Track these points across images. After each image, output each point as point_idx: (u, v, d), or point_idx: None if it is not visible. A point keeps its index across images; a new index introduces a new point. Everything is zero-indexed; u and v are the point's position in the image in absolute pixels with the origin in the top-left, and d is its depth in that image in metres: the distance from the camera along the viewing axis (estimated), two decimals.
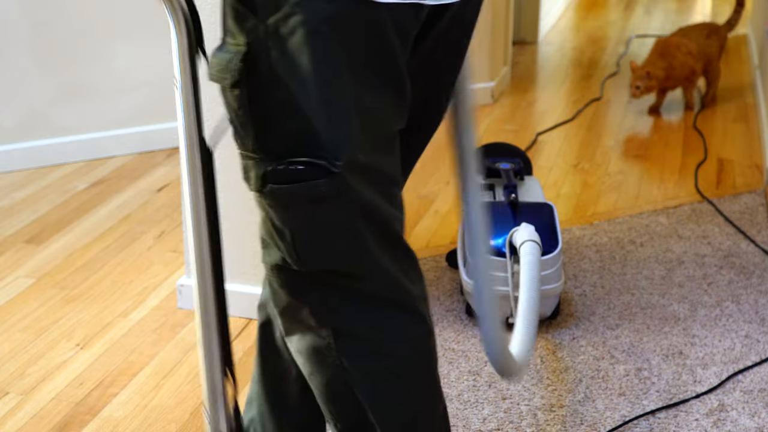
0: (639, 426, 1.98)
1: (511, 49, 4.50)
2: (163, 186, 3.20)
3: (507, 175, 2.49)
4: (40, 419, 1.99)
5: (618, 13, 6.16)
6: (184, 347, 2.25)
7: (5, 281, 2.56)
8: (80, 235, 2.84)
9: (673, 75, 3.91)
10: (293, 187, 1.17)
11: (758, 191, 3.17)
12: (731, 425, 1.98)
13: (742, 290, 2.52)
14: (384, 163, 1.23)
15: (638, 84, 3.86)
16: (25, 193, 3.14)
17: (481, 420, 1.99)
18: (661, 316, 2.40)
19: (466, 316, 2.39)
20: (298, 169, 1.15)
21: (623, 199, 3.13)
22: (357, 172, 1.17)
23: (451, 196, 3.16)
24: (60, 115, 3.37)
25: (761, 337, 2.30)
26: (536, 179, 2.62)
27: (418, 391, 1.35)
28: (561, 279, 2.30)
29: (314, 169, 1.15)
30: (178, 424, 1.98)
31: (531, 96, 4.33)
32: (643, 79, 3.85)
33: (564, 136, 3.76)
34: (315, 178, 1.15)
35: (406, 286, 1.29)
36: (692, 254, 2.73)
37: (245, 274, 2.36)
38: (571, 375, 2.15)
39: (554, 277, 2.27)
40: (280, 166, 1.16)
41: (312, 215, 1.19)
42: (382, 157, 1.22)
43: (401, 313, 1.29)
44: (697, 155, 3.54)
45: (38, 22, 3.25)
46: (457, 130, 1.44)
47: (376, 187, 1.21)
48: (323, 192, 1.16)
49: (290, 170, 1.16)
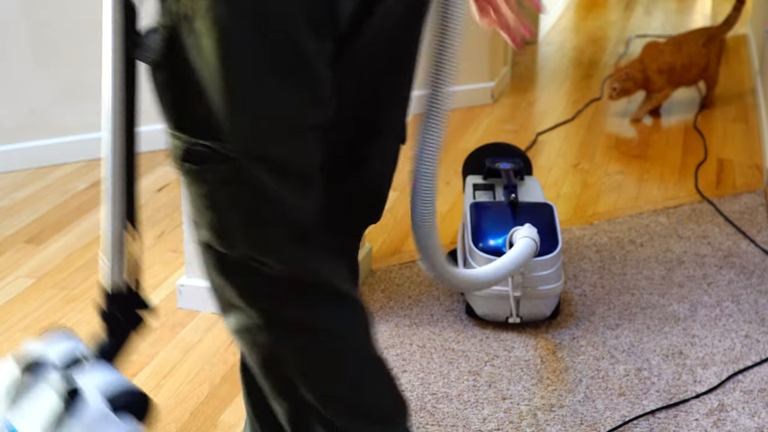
0: (639, 426, 1.98)
1: (511, 49, 4.50)
2: (163, 186, 3.20)
3: (507, 175, 2.49)
4: None
5: (618, 13, 6.16)
6: (184, 347, 2.26)
7: (5, 281, 2.56)
8: (80, 235, 2.84)
9: (649, 78, 3.88)
10: (202, 168, 1.20)
11: (758, 191, 3.17)
12: (731, 425, 1.98)
13: (742, 290, 2.52)
14: (290, 156, 1.21)
15: (615, 85, 3.85)
16: (25, 193, 3.14)
17: (481, 420, 1.99)
18: (661, 316, 2.40)
19: (466, 316, 2.39)
20: (204, 150, 1.18)
21: (623, 199, 3.13)
22: (257, 161, 1.18)
23: (451, 196, 3.16)
24: (60, 115, 3.37)
25: (761, 337, 2.30)
26: (536, 179, 2.61)
27: (350, 367, 1.37)
28: (561, 279, 2.30)
29: (215, 153, 1.18)
30: (178, 424, 1.98)
31: (531, 96, 4.33)
32: (621, 80, 3.83)
33: (564, 136, 3.76)
34: (217, 162, 1.18)
35: (326, 271, 1.30)
36: (692, 254, 2.73)
37: None
38: (571, 375, 2.15)
39: (554, 277, 2.27)
40: (193, 146, 1.20)
41: (222, 197, 1.22)
42: (287, 150, 1.20)
43: (326, 296, 1.31)
44: (697, 155, 3.54)
45: (38, 22, 3.25)
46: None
47: (281, 178, 1.21)
48: (225, 176, 1.19)
49: (200, 151, 1.19)
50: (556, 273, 2.27)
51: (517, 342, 2.28)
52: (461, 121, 3.93)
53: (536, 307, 2.29)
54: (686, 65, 3.88)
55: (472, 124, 3.89)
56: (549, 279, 2.26)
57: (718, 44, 4.00)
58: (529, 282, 2.24)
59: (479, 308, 2.32)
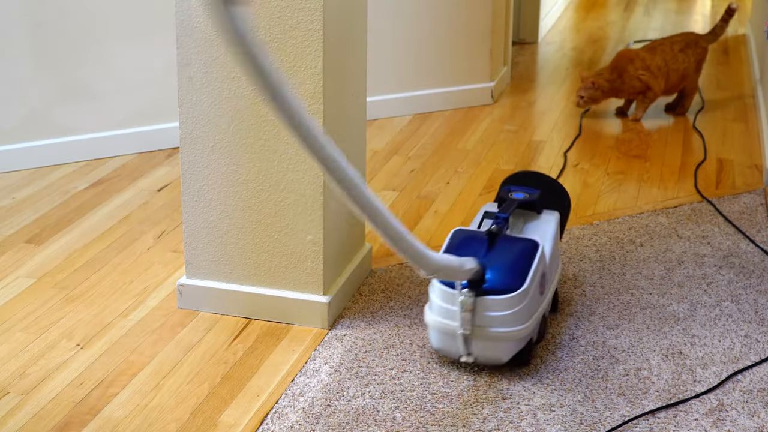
0: (639, 426, 1.98)
1: (511, 49, 4.50)
2: (163, 186, 3.20)
3: (508, 205, 2.31)
4: (40, 419, 1.99)
5: (618, 14, 6.16)
6: (184, 347, 2.26)
7: (5, 281, 2.56)
8: (80, 235, 2.84)
9: (621, 88, 3.85)
10: None
11: (758, 191, 3.18)
12: (731, 425, 1.98)
13: (741, 290, 2.53)
14: None
15: (582, 94, 3.85)
16: (25, 193, 3.15)
17: (481, 420, 1.99)
18: (660, 316, 2.40)
19: None
20: None
21: (623, 199, 3.14)
22: None
23: (452, 196, 3.16)
24: (60, 115, 3.37)
25: (761, 337, 2.30)
26: (557, 215, 2.38)
27: None
28: (524, 323, 2.09)
29: None
30: (178, 424, 1.98)
31: (531, 96, 4.33)
32: (587, 89, 3.84)
33: (564, 136, 3.76)
34: None
35: None
36: (692, 254, 2.73)
37: (245, 275, 2.36)
38: (571, 375, 2.15)
39: (511, 320, 2.07)
40: None
41: None
42: None
43: None
44: (696, 155, 3.54)
45: (38, 22, 3.25)
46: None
47: None
48: None
49: None
50: (515, 317, 2.07)
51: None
52: (461, 121, 3.93)
53: (489, 349, 2.10)
54: (663, 67, 3.83)
55: (471, 124, 3.90)
56: (504, 321, 2.06)
57: (700, 52, 3.93)
58: (480, 320, 2.07)
59: (434, 341, 2.16)
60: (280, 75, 1.38)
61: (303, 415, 1.99)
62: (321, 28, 2.14)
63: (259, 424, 1.97)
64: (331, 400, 2.05)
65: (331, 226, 2.33)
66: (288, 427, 1.96)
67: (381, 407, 2.02)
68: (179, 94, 2.26)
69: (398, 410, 2.01)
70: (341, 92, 2.30)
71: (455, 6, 3.97)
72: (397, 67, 3.94)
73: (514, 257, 2.13)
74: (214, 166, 2.29)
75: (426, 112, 4.03)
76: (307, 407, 2.02)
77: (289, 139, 2.22)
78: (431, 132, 3.79)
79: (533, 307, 2.13)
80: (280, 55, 2.17)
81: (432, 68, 4.02)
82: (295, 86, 2.18)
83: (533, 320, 2.12)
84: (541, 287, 2.18)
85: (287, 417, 1.99)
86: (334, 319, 2.37)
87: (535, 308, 2.14)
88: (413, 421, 1.98)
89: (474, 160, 3.48)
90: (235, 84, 2.21)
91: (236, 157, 2.27)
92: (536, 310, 2.14)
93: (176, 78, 2.26)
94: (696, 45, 3.94)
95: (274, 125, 2.22)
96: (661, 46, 3.89)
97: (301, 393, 2.07)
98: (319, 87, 2.18)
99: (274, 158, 2.25)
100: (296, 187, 2.26)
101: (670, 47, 3.88)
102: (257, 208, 2.30)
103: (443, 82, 4.06)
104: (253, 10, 2.15)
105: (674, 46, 3.89)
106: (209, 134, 2.27)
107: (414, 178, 3.31)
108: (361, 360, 2.20)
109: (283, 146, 2.23)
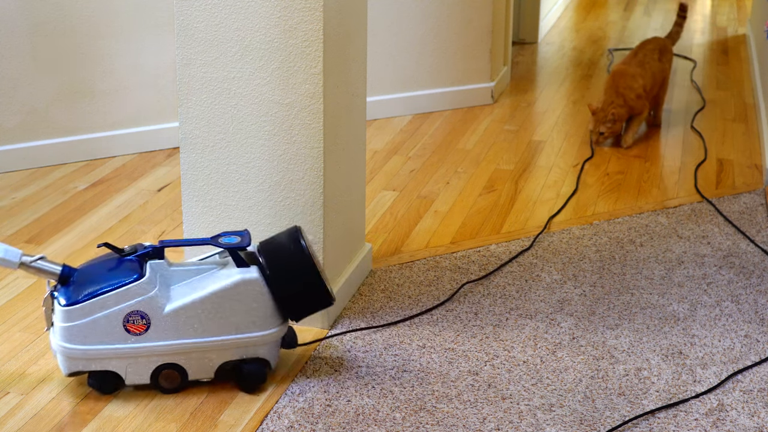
0: (639, 426, 1.98)
1: (511, 49, 4.50)
2: (163, 186, 3.20)
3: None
4: (40, 419, 1.99)
5: (618, 14, 6.16)
6: None
7: (5, 281, 2.56)
8: (80, 235, 2.84)
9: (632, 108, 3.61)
10: None
11: (758, 191, 3.18)
12: (731, 425, 1.98)
13: (741, 290, 2.53)
14: None
15: (602, 130, 3.55)
16: (25, 193, 3.15)
17: (480, 420, 1.99)
18: (660, 316, 2.40)
19: (466, 316, 2.39)
20: None
21: (623, 199, 3.14)
22: None
23: (452, 196, 3.16)
24: (60, 115, 3.37)
25: (761, 337, 2.30)
26: (252, 275, 2.03)
27: None
28: (76, 344, 1.99)
29: None
30: (178, 424, 1.98)
31: (531, 96, 4.33)
32: (606, 123, 3.54)
33: (564, 136, 3.76)
34: None
35: None
36: (692, 254, 2.73)
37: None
38: (571, 375, 2.15)
39: (66, 335, 1.98)
40: None
41: None
42: None
43: None
44: (696, 155, 3.54)
45: (38, 22, 3.25)
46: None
47: None
48: None
49: None
50: (68, 332, 1.99)
51: (516, 342, 2.28)
52: (461, 121, 3.93)
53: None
54: (651, 83, 3.70)
55: (471, 124, 3.89)
56: (62, 334, 1.99)
57: (670, 57, 3.86)
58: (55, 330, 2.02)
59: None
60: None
61: (303, 415, 1.99)
62: (321, 28, 2.14)
63: (259, 424, 1.97)
64: (331, 400, 2.05)
65: (331, 226, 2.33)
66: (287, 427, 1.96)
67: (381, 407, 2.02)
68: (179, 94, 2.26)
69: (398, 410, 2.01)
70: (341, 92, 2.30)
71: (455, 6, 3.97)
72: (397, 67, 3.94)
73: (101, 274, 2.03)
74: (214, 166, 2.29)
75: (426, 112, 4.03)
76: (306, 407, 2.02)
77: (289, 138, 2.22)
78: (431, 132, 3.79)
79: (97, 334, 1.98)
80: (280, 55, 2.17)
81: (432, 68, 4.02)
82: (295, 86, 2.18)
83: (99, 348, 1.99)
84: (129, 326, 2.00)
85: (287, 417, 1.99)
86: (334, 319, 2.37)
87: (107, 340, 1.99)
88: (413, 421, 1.98)
89: (474, 160, 3.48)
90: (235, 84, 2.21)
91: (236, 157, 2.27)
92: (111, 343, 2.00)
93: (176, 78, 2.26)
94: (667, 50, 3.86)
95: (274, 125, 2.22)
96: (647, 58, 3.74)
97: (301, 393, 2.07)
98: (319, 87, 2.17)
99: (274, 158, 2.25)
100: (296, 186, 2.26)
101: (652, 56, 3.75)
102: (257, 208, 2.30)
103: (443, 82, 4.06)
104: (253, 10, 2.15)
105: (654, 55, 3.77)
106: (209, 134, 2.27)
107: (414, 178, 3.32)
108: (361, 360, 2.20)
109: (283, 146, 2.23)
